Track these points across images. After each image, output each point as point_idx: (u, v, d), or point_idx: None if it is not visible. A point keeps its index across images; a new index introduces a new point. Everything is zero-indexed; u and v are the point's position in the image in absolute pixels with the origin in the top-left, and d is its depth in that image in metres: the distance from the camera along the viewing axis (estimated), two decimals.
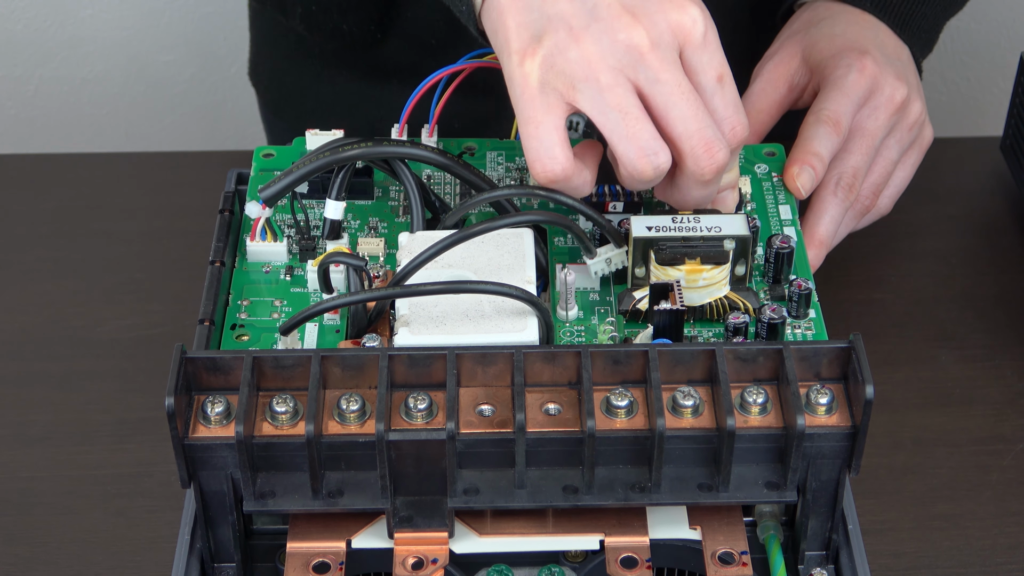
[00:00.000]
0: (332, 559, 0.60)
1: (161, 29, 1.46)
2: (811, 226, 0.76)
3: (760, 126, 0.80)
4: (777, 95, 0.81)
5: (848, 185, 0.76)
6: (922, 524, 0.72)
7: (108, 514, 0.72)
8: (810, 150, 0.75)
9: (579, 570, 0.61)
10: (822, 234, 0.76)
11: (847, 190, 0.76)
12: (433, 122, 0.73)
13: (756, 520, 0.63)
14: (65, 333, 0.82)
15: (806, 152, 0.75)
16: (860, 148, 0.77)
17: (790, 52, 0.81)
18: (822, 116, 0.76)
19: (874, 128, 0.78)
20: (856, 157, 0.77)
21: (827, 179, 0.76)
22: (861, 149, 0.77)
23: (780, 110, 0.81)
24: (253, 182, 0.73)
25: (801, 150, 0.75)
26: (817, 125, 0.76)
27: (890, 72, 0.78)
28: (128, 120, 1.52)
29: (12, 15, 1.43)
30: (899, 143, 0.79)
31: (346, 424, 0.58)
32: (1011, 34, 1.46)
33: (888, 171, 0.79)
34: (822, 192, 0.76)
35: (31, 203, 0.91)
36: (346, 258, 0.64)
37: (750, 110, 0.80)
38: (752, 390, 0.59)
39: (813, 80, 0.80)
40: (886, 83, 0.78)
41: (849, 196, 0.77)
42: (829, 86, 0.78)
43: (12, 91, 1.48)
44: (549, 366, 0.60)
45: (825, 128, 0.76)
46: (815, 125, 0.76)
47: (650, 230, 0.65)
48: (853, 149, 0.77)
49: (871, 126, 0.78)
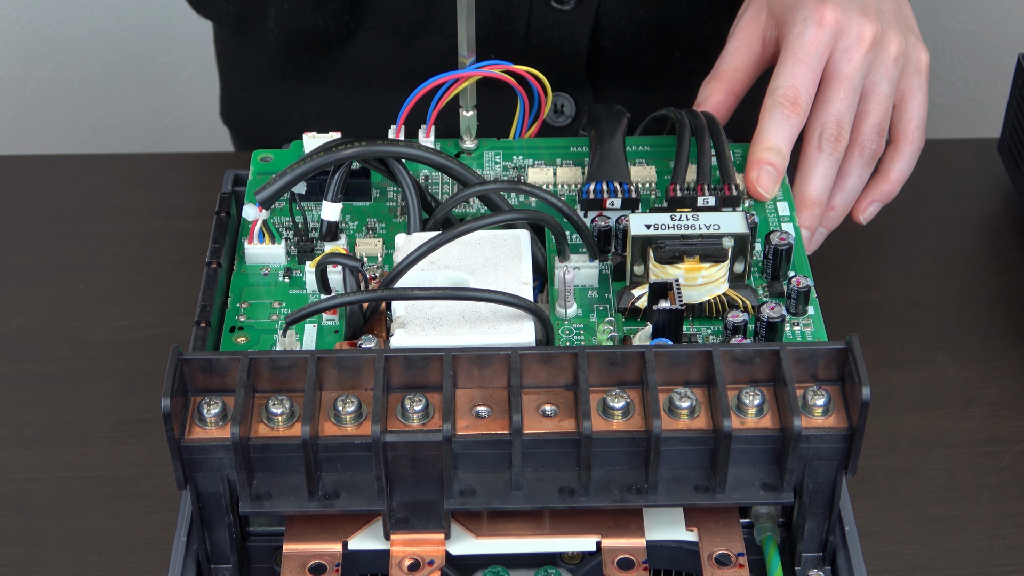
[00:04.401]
0: (328, 561, 0.60)
1: (159, 30, 1.46)
2: (800, 186, 0.73)
3: (736, 85, 0.77)
4: (751, 53, 0.77)
5: (833, 136, 0.73)
6: (919, 526, 0.72)
7: (105, 515, 0.72)
8: (765, 145, 0.72)
9: (576, 572, 0.61)
10: (812, 193, 0.73)
11: (833, 141, 0.73)
12: (430, 123, 0.73)
13: (753, 522, 0.63)
14: (62, 334, 0.82)
15: (761, 149, 0.72)
16: (839, 94, 0.74)
17: (757, 6, 0.78)
18: (777, 97, 0.73)
19: (849, 71, 0.74)
20: (836, 104, 0.74)
21: (809, 133, 0.73)
22: (840, 95, 0.74)
23: (757, 68, 0.78)
24: (251, 185, 0.73)
25: (756, 147, 0.72)
26: (773, 110, 0.73)
27: (854, 11, 0.75)
28: (126, 121, 1.52)
29: (10, 16, 1.43)
30: (887, 77, 0.75)
31: (342, 425, 0.58)
32: (1009, 36, 1.46)
33: (886, 108, 0.76)
34: (806, 148, 0.74)
35: (29, 204, 0.91)
36: (343, 259, 0.64)
37: (725, 70, 0.77)
38: (749, 391, 0.59)
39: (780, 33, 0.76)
40: (851, 23, 0.74)
41: (837, 147, 0.73)
42: (786, 50, 0.74)
43: (10, 92, 1.48)
44: (545, 367, 0.60)
45: (781, 112, 0.72)
46: (771, 110, 0.73)
47: (649, 228, 0.65)
48: (831, 96, 0.74)
49: (846, 69, 0.74)
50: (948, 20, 1.44)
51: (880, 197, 0.78)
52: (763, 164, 0.71)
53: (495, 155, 0.76)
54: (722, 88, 0.77)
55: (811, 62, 0.73)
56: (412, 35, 0.91)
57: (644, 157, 0.75)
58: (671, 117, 0.74)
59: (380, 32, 0.92)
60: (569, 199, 0.72)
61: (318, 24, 0.91)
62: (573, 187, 0.73)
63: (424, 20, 0.90)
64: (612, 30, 0.90)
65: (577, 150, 0.76)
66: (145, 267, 0.86)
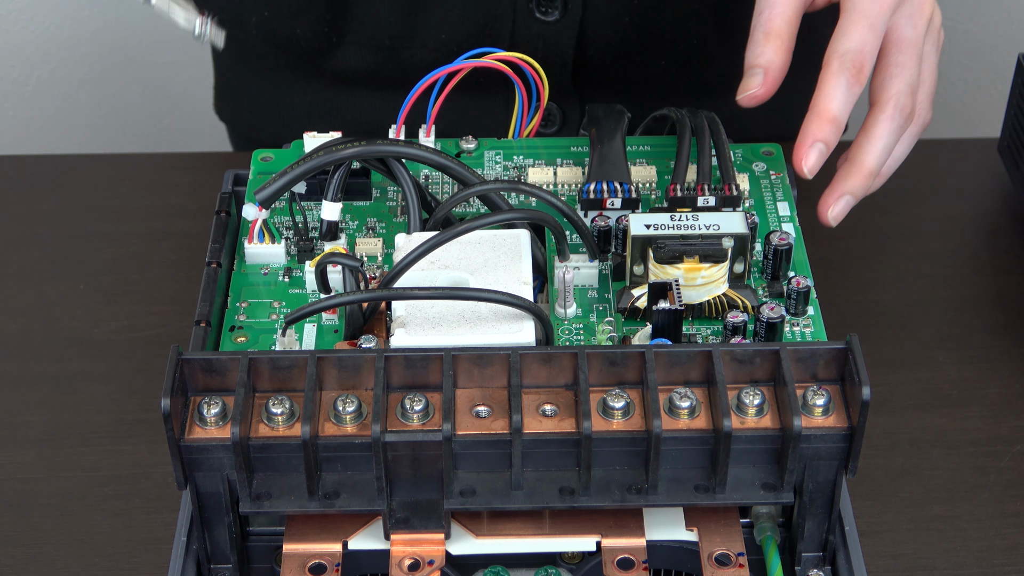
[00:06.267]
0: (328, 560, 0.60)
1: (159, 30, 1.46)
2: (862, 152, 0.69)
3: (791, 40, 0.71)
4: (798, 2, 0.71)
5: (909, 109, 0.70)
6: (919, 526, 0.72)
7: (105, 515, 0.72)
8: (827, 115, 0.68)
9: (576, 572, 0.61)
10: (872, 162, 0.69)
11: (907, 113, 0.70)
12: (430, 122, 0.73)
13: (753, 521, 0.63)
14: (62, 334, 0.82)
15: (823, 120, 0.67)
16: (911, 59, 0.70)
17: None
18: (846, 62, 0.68)
19: (916, 37, 0.70)
20: (910, 71, 0.70)
21: (883, 99, 0.69)
22: (912, 61, 0.70)
23: (800, 19, 0.72)
24: (251, 185, 0.73)
25: (817, 117, 0.68)
26: (840, 75, 0.68)
27: None
28: (126, 121, 1.52)
29: (10, 16, 1.43)
30: (935, 47, 0.73)
31: (342, 425, 0.58)
32: (1009, 36, 1.46)
33: (935, 78, 0.73)
34: (877, 115, 0.69)
35: (29, 204, 0.91)
36: (343, 259, 0.64)
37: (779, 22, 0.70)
38: (749, 391, 0.59)
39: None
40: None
41: (908, 119, 0.70)
42: (853, 9, 0.69)
43: (10, 92, 1.48)
44: (546, 367, 0.60)
45: (847, 79, 0.68)
46: (837, 75, 0.68)
47: (648, 228, 0.65)
48: (904, 62, 0.70)
49: (913, 35, 0.70)
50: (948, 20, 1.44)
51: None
52: (818, 141, 0.67)
53: (495, 155, 0.76)
54: (783, 47, 0.70)
55: (879, 27, 0.70)
56: (395, 49, 0.90)
57: (644, 157, 0.75)
58: (671, 117, 0.74)
59: (363, 46, 0.91)
60: (569, 199, 0.72)
61: (298, 33, 0.91)
62: (573, 187, 0.73)
63: (407, 35, 0.89)
64: (597, 40, 0.90)
65: (577, 150, 0.76)
66: (145, 267, 0.86)
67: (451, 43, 0.89)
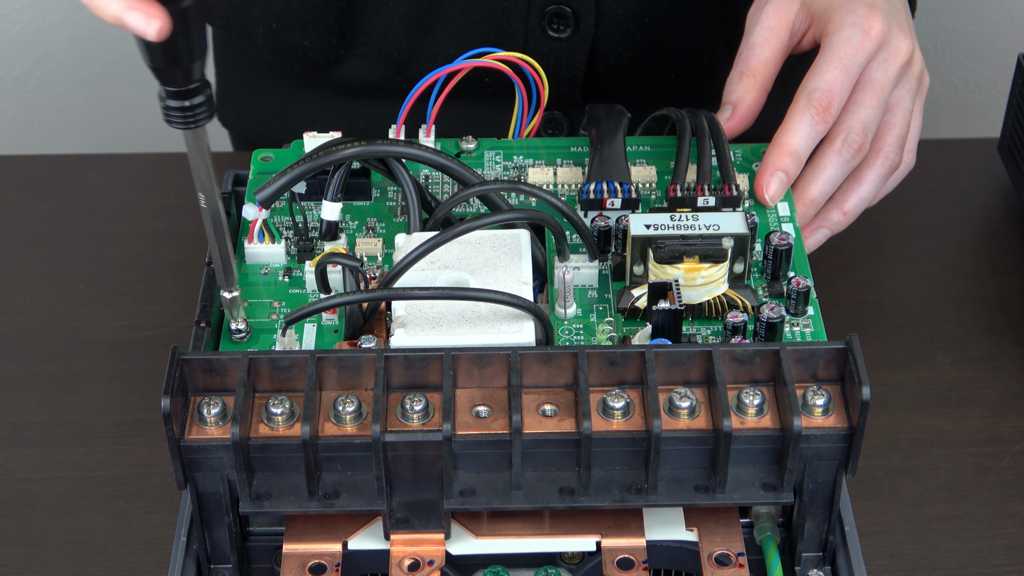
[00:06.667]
0: (328, 560, 0.60)
1: None
2: (806, 183, 0.72)
3: (768, 80, 0.75)
4: (779, 44, 0.75)
5: (857, 144, 0.72)
6: (919, 526, 0.72)
7: (105, 515, 0.72)
8: (787, 148, 0.71)
9: (576, 572, 0.61)
10: (815, 193, 0.72)
11: (855, 149, 0.72)
12: (430, 122, 0.73)
13: (753, 521, 0.63)
14: (62, 334, 0.82)
15: (783, 153, 0.71)
16: (871, 100, 0.73)
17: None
18: (813, 99, 0.71)
19: (884, 80, 0.73)
20: (867, 111, 0.72)
21: (833, 134, 0.72)
22: (872, 101, 0.73)
23: (782, 60, 0.76)
24: (251, 185, 0.73)
25: (778, 150, 0.71)
26: (805, 112, 0.71)
27: (895, 25, 0.74)
28: (126, 121, 1.52)
29: (10, 15, 1.43)
30: (910, 93, 0.75)
31: (342, 425, 0.58)
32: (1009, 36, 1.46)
33: (908, 122, 0.75)
34: (826, 149, 0.72)
35: (29, 204, 0.91)
36: (343, 259, 0.64)
37: (755, 62, 0.75)
38: (749, 391, 0.59)
39: (813, 28, 0.75)
40: (892, 37, 0.73)
41: (857, 156, 0.72)
42: (829, 51, 0.73)
43: (10, 92, 1.48)
44: (545, 367, 0.60)
45: (812, 117, 0.71)
46: (803, 112, 0.71)
47: (648, 228, 0.65)
48: (863, 101, 0.73)
49: (881, 79, 0.73)
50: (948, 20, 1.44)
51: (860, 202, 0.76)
52: (778, 170, 0.71)
53: (495, 155, 0.76)
54: (756, 86, 0.75)
55: (852, 70, 0.72)
56: (404, 63, 0.90)
57: (644, 157, 0.75)
58: (671, 117, 0.74)
59: (371, 58, 0.91)
60: (569, 199, 0.72)
61: (305, 45, 0.91)
62: (573, 187, 0.73)
63: (415, 49, 0.89)
64: (608, 56, 0.90)
65: (577, 150, 0.76)
66: (145, 267, 0.86)
67: None
